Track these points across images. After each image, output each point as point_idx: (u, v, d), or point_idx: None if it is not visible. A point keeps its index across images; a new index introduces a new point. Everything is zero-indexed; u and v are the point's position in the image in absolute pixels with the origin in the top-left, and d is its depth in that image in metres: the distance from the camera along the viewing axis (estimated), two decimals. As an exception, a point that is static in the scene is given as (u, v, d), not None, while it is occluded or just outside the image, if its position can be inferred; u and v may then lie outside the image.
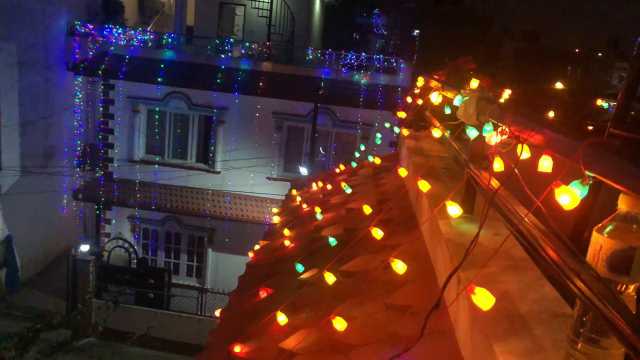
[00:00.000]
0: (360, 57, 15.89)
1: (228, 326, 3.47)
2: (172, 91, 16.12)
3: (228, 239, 16.27)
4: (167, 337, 15.17)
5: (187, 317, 15.61)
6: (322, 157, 16.28)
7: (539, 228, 1.73)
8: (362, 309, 2.84)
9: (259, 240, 15.41)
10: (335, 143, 16.10)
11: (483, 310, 1.81)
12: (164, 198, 16.25)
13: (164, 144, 16.71)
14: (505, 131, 2.04)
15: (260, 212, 15.83)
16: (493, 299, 1.55)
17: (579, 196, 1.40)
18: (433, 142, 4.92)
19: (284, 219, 5.32)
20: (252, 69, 15.83)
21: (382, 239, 3.68)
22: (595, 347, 1.41)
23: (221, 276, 16.50)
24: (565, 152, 1.45)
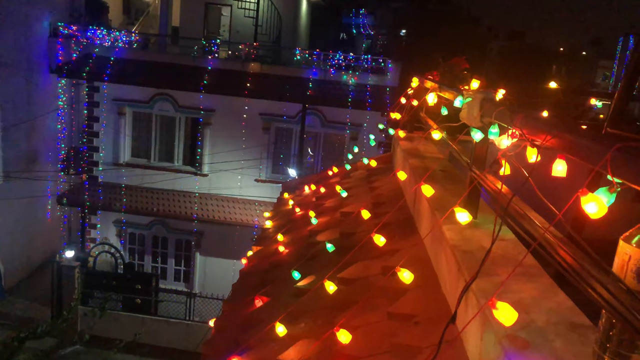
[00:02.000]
0: (348, 57, 15.82)
1: (223, 337, 3.36)
2: (158, 93, 15.90)
3: (216, 243, 16.09)
4: (155, 343, 14.94)
5: (176, 323, 15.40)
6: (310, 159, 16.18)
7: (556, 236, 1.65)
8: (363, 318, 2.75)
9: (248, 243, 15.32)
10: (324, 144, 16.00)
11: (497, 321, 1.73)
12: (150, 202, 16.02)
13: (150, 147, 16.49)
14: (516, 134, 1.96)
15: (249, 215, 15.68)
16: (516, 314, 1.47)
17: (607, 204, 1.32)
18: (428, 143, 4.85)
19: (277, 224, 5.21)
20: (239, 69, 15.67)
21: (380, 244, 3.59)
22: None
23: (209, 280, 16.32)
24: (589, 157, 1.36)
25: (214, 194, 16.12)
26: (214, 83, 15.42)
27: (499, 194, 2.18)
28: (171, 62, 15.96)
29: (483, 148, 2.65)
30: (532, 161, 1.93)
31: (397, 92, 14.72)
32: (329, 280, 3.43)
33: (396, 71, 15.12)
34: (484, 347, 1.82)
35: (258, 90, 15.22)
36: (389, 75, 15.23)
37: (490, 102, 2.36)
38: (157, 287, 16.13)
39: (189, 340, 14.68)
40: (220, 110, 15.84)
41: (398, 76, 14.96)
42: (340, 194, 4.97)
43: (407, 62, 15.25)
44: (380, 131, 5.41)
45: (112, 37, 16.71)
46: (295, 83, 15.27)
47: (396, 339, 2.42)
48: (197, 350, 13.32)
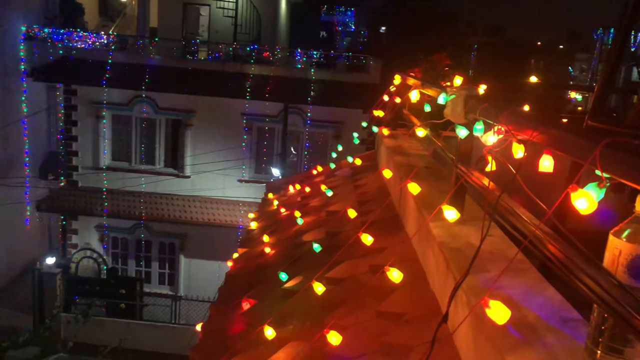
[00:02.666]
0: (329, 56, 15.80)
1: (211, 341, 3.32)
2: (137, 95, 15.72)
3: (200, 245, 15.97)
4: (141, 348, 14.77)
5: (161, 326, 15.28)
6: (293, 158, 16.14)
7: (545, 231, 1.65)
8: (352, 318, 2.73)
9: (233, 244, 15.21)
10: (307, 143, 15.97)
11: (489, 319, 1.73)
12: (132, 205, 15.84)
13: (130, 150, 16.29)
14: (501, 130, 1.96)
15: (233, 216, 15.59)
16: (508, 312, 1.46)
17: (596, 199, 1.32)
18: (411, 140, 4.85)
19: (262, 224, 5.18)
20: (219, 70, 15.56)
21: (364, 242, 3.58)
22: (616, 356, 1.34)
23: (194, 282, 16.20)
24: (578, 153, 1.36)
25: (197, 195, 16.00)
26: (194, 84, 15.29)
27: (486, 190, 2.18)
28: (150, 64, 15.78)
29: (468, 144, 2.65)
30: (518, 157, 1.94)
31: (379, 89, 14.74)
32: (317, 280, 3.41)
33: (377, 69, 15.14)
34: (476, 344, 1.82)
35: (239, 90, 15.13)
36: (370, 72, 15.25)
37: (475, 99, 2.36)
38: (142, 291, 15.97)
39: (175, 343, 14.54)
40: (201, 111, 15.71)
41: (379, 73, 14.99)
42: (325, 193, 4.95)
43: (388, 60, 15.29)
44: (363, 129, 5.41)
45: (88, 39, 16.46)
46: (276, 82, 15.21)
47: (386, 338, 2.41)
48: (184, 353, 13.21)
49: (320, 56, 15.94)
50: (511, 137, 1.85)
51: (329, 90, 15.06)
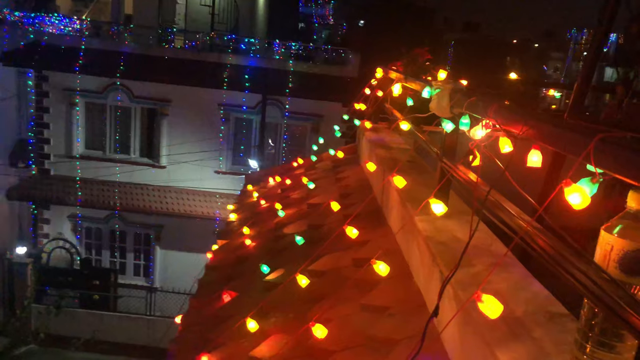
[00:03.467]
0: (308, 48, 15.72)
1: (191, 334, 3.28)
2: (112, 83, 15.41)
3: (176, 236, 15.80)
4: (115, 340, 14.63)
5: (136, 318, 15.11)
6: (271, 150, 16.05)
7: (534, 226, 1.66)
8: (336, 311, 2.72)
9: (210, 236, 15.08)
10: (285, 135, 15.90)
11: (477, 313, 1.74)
12: (107, 195, 15.56)
13: (105, 139, 15.98)
14: (489, 125, 1.96)
15: (210, 208, 15.45)
16: (501, 306, 1.47)
17: (589, 194, 1.32)
18: (393, 134, 4.86)
19: (242, 216, 5.13)
20: (196, 59, 15.35)
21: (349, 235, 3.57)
22: (606, 351, 1.35)
23: (170, 274, 16.03)
24: (571, 148, 1.36)
25: (173, 186, 15.80)
26: (170, 73, 15.06)
27: (473, 184, 2.19)
28: (125, 51, 15.47)
29: (453, 139, 2.65)
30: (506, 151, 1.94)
31: (358, 82, 14.75)
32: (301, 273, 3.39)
33: (356, 62, 15.12)
34: (463, 338, 1.83)
35: (216, 80, 14.95)
36: (349, 66, 15.22)
37: (461, 93, 2.36)
38: (116, 282, 15.76)
39: (150, 335, 14.41)
40: (178, 100, 15.49)
41: (358, 67, 14.97)
42: (306, 185, 4.93)
43: (367, 53, 15.28)
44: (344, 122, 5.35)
45: (61, 25, 16.05)
46: (254, 73, 15.08)
47: (371, 332, 2.41)
48: (159, 345, 13.09)
49: (299, 48, 15.84)
50: (500, 131, 1.85)
51: (308, 83, 14.99)
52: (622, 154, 1.22)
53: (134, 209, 15.44)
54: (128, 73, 15.08)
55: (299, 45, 15.89)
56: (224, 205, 15.53)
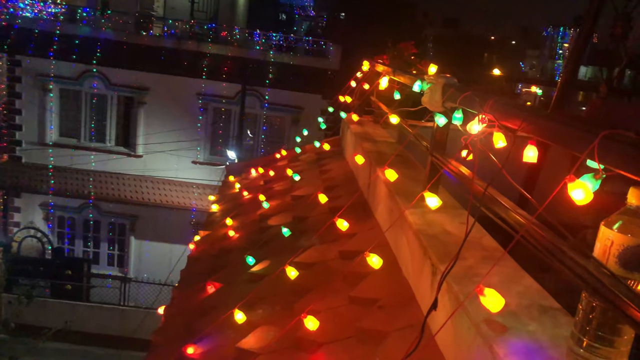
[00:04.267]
0: (289, 39, 15.62)
1: (175, 325, 3.24)
2: (87, 69, 15.09)
3: (152, 226, 15.61)
4: (87, 330, 14.40)
5: (109, 308, 14.91)
6: (250, 141, 15.95)
7: (532, 221, 1.68)
8: (324, 303, 2.72)
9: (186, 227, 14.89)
10: (265, 126, 15.80)
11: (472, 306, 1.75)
12: (81, 184, 15.28)
13: (79, 126, 15.67)
14: (485, 120, 1.97)
15: (186, 198, 15.31)
16: (502, 300, 1.48)
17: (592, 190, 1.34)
18: (377, 127, 4.86)
19: (224, 207, 5.08)
20: (175, 47, 15.13)
21: (335, 228, 3.57)
22: (603, 345, 1.38)
23: (145, 264, 15.86)
24: (574, 145, 1.38)
25: (149, 176, 15.59)
26: (148, 61, 14.82)
27: (468, 180, 2.20)
28: (102, 37, 15.15)
29: (443, 133, 2.66)
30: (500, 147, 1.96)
31: (339, 75, 14.72)
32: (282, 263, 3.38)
33: (337, 54, 15.09)
34: (456, 332, 1.84)
35: (196, 69, 14.78)
36: (330, 58, 15.19)
37: (455, 87, 2.37)
38: (89, 272, 15.53)
39: (123, 325, 14.25)
40: (156, 89, 15.26)
41: (339, 59, 14.95)
42: (290, 177, 4.91)
43: (348, 46, 15.27)
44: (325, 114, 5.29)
45: (35, 8, 15.62)
46: (234, 63, 14.94)
47: (361, 324, 2.41)
48: (134, 335, 12.95)
49: (279, 39, 15.73)
50: (499, 127, 1.86)
51: (288, 74, 14.93)
52: (626, 150, 1.24)
53: (109, 199, 15.20)
54: (105, 60, 14.79)
55: (280, 36, 15.78)
56: (200, 196, 15.40)
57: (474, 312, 1.71)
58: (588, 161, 1.37)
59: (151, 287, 14.75)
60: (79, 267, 15.32)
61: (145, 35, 15.67)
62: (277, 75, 14.88)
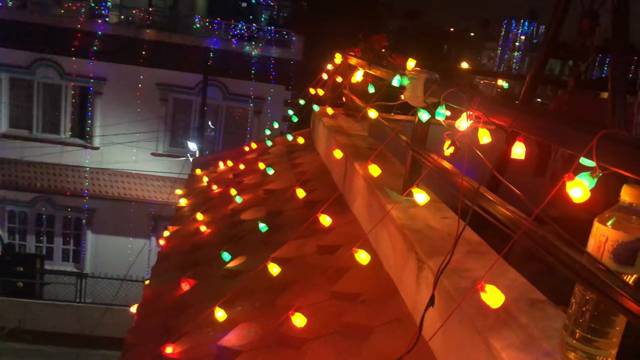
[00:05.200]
0: (250, 28, 15.42)
1: (149, 323, 3.17)
2: (39, 58, 14.50)
3: (110, 220, 15.21)
4: (41, 329, 13.97)
5: (64, 306, 14.48)
6: (211, 132, 15.71)
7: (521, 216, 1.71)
8: (305, 299, 2.70)
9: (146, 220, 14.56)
10: (226, 117, 15.60)
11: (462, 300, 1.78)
12: (33, 177, 14.72)
13: (31, 117, 15.06)
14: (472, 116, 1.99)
15: (145, 191, 14.98)
16: (503, 296, 1.50)
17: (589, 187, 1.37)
18: (349, 120, 4.87)
19: (193, 202, 4.99)
20: (133, 36, 14.72)
21: (311, 222, 3.56)
22: (596, 336, 1.42)
23: (103, 259, 15.45)
24: (570, 144, 1.41)
25: (106, 168, 15.16)
26: (104, 49, 14.37)
27: (450, 174, 2.23)
28: (55, 25, 14.57)
29: (425, 128, 2.68)
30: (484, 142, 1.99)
31: (302, 66, 14.66)
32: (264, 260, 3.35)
33: (300, 45, 15.01)
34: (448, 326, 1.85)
35: (155, 58, 14.42)
36: (293, 48, 15.10)
37: (438, 83, 2.39)
38: (42, 268, 15.02)
39: (80, 323, 13.89)
40: (113, 79, 14.81)
41: (302, 50, 14.88)
42: (260, 170, 4.87)
43: (311, 36, 15.21)
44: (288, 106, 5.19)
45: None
46: (194, 52, 14.68)
47: (344, 319, 2.41)
48: (92, 333, 12.63)
49: (241, 29, 15.51)
50: (488, 124, 1.88)
51: (250, 64, 14.77)
52: (624, 150, 1.27)
53: (64, 192, 14.70)
54: (58, 48, 14.23)
55: (242, 26, 15.56)
56: (160, 189, 15.10)
57: (465, 306, 1.74)
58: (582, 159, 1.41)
59: (110, 283, 14.40)
60: (31, 263, 14.82)
61: (101, 23, 15.17)
62: (239, 65, 14.70)
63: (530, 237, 1.56)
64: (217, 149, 15.58)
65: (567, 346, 1.48)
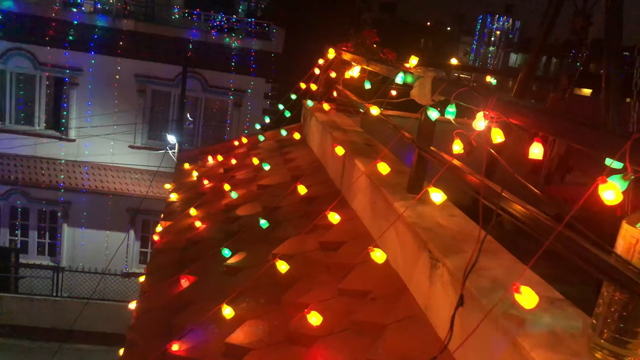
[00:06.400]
0: (230, 20, 15.24)
1: (150, 320, 3.13)
2: (12, 47, 14.08)
3: (87, 213, 14.93)
4: (16, 323, 13.69)
5: (40, 300, 14.17)
6: (190, 124, 15.51)
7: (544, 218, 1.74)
8: (312, 295, 2.71)
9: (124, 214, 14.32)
10: (206, 109, 15.42)
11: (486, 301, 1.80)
12: (6, 169, 14.34)
13: (4, 108, 14.63)
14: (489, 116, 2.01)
15: (123, 184, 14.75)
16: (537, 297, 1.52)
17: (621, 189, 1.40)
18: (341, 115, 4.87)
19: (184, 197, 4.93)
20: (110, 26, 14.40)
21: (311, 218, 3.56)
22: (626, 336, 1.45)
23: (80, 253, 15.18)
24: (602, 147, 1.44)
25: (83, 160, 14.86)
26: (80, 39, 14.03)
27: (461, 171, 2.24)
28: (28, 13, 14.16)
29: (431, 125, 2.70)
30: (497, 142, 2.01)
31: (282, 58, 14.57)
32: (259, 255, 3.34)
33: (280, 37, 14.90)
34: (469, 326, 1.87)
35: (133, 49, 14.15)
36: (274, 40, 14.98)
37: (450, 82, 2.40)
38: (17, 262, 14.68)
39: (57, 317, 13.65)
40: (89, 69, 14.49)
41: (282, 42, 14.78)
42: (252, 165, 4.84)
43: (291, 28, 15.12)
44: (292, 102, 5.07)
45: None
46: (174, 43, 14.45)
47: (355, 316, 2.43)
48: (72, 327, 12.42)
49: (221, 20, 15.32)
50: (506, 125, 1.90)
51: (230, 56, 14.61)
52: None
53: (39, 184, 14.37)
54: (31, 37, 13.85)
55: (222, 17, 15.36)
56: (138, 182, 14.88)
57: (486, 304, 1.76)
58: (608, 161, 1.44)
59: (88, 277, 14.17)
60: (5, 257, 14.47)
61: (76, 12, 14.80)
62: (219, 57, 14.53)
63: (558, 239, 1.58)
64: (196, 142, 15.42)
65: (594, 346, 1.51)
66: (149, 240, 15.53)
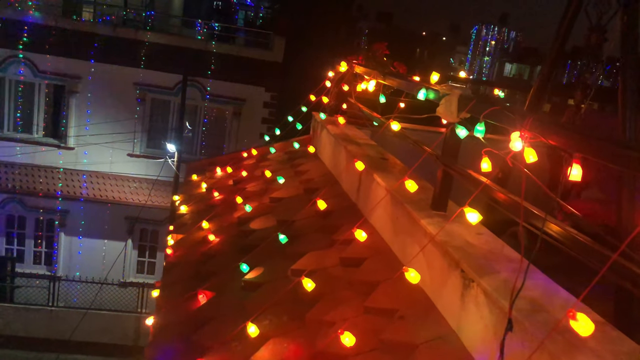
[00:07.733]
0: (229, 28, 15.24)
1: (169, 337, 3.09)
2: (12, 55, 14.01)
3: (84, 222, 14.82)
4: (12, 333, 13.55)
5: (36, 309, 14.03)
6: (189, 133, 15.46)
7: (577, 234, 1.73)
8: (337, 313, 2.69)
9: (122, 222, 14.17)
10: (205, 118, 15.38)
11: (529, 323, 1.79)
12: (4, 177, 14.22)
13: (3, 116, 14.54)
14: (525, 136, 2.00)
15: (121, 192, 14.65)
16: (592, 325, 1.51)
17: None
18: (352, 127, 4.86)
19: (194, 209, 4.90)
20: (109, 34, 14.35)
21: (329, 233, 3.55)
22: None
23: (76, 262, 15.04)
24: None
25: (81, 169, 14.77)
26: (80, 47, 13.98)
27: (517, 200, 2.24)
28: (29, 21, 14.10)
29: (457, 142, 2.69)
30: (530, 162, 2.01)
31: (282, 67, 14.58)
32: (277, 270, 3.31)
33: (280, 46, 14.91)
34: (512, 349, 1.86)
35: (133, 57, 14.12)
36: (273, 50, 14.99)
37: (481, 101, 2.40)
38: (13, 271, 14.54)
39: (53, 327, 13.52)
40: (89, 77, 14.42)
41: (282, 51, 14.78)
42: (263, 177, 4.82)
43: (291, 38, 15.14)
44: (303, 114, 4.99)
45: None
46: (174, 52, 14.41)
47: (384, 336, 2.41)
48: (72, 338, 12.29)
49: (221, 29, 15.32)
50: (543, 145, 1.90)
51: (230, 65, 14.60)
52: None
53: (36, 193, 14.25)
54: (32, 45, 13.80)
55: (221, 26, 15.36)
56: (137, 190, 14.80)
57: (530, 327, 1.75)
58: None
59: (84, 286, 14.05)
60: (1, 266, 14.33)
61: (77, 21, 14.76)
62: (219, 66, 14.52)
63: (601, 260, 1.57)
64: (196, 151, 15.37)
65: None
66: (146, 249, 15.43)
